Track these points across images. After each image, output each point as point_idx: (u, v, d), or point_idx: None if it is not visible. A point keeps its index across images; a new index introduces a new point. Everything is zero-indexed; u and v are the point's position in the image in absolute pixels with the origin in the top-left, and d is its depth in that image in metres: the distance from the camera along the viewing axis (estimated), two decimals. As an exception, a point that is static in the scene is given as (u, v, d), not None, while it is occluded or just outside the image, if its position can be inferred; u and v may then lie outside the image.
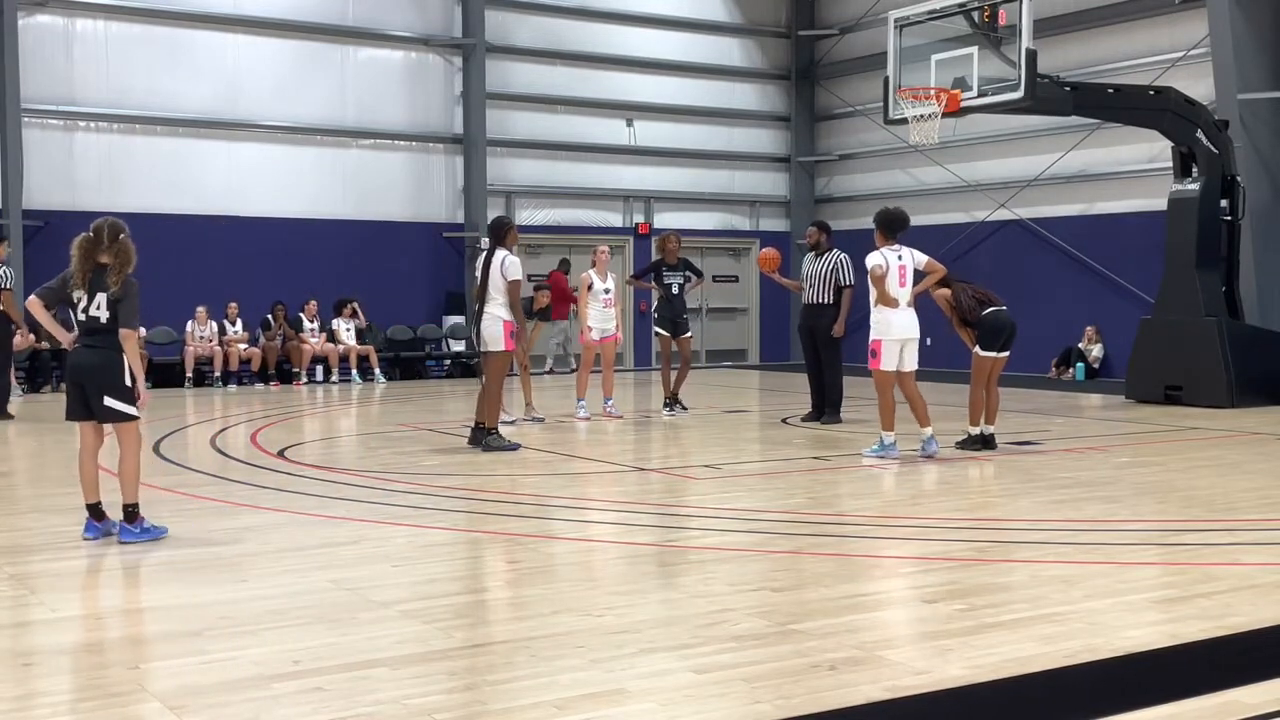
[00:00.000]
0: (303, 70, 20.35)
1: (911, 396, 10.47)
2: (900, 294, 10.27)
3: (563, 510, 8.21)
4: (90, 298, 6.87)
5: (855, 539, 7.17)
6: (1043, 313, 19.67)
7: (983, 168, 21.46)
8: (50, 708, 4.23)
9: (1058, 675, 4.52)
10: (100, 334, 6.90)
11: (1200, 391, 14.71)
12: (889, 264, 10.25)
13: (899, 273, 10.29)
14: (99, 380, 6.90)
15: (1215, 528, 7.37)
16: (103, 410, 6.93)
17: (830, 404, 13.15)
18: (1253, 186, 16.01)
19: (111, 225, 6.97)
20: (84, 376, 6.94)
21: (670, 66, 23.44)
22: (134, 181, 18.98)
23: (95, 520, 7.02)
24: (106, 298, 6.84)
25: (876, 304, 10.30)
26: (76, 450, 7.11)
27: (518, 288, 11.02)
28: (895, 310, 10.26)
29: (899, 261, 10.31)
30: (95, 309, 6.86)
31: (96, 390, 6.90)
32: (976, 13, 14.72)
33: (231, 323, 19.17)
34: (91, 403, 6.94)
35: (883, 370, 10.36)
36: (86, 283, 6.88)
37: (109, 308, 6.85)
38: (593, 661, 4.67)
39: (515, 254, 11.31)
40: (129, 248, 6.95)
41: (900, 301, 10.27)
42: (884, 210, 10.61)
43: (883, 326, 10.30)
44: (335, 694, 4.31)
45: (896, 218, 10.49)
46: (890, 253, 10.32)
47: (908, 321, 10.36)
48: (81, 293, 6.88)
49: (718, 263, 24.23)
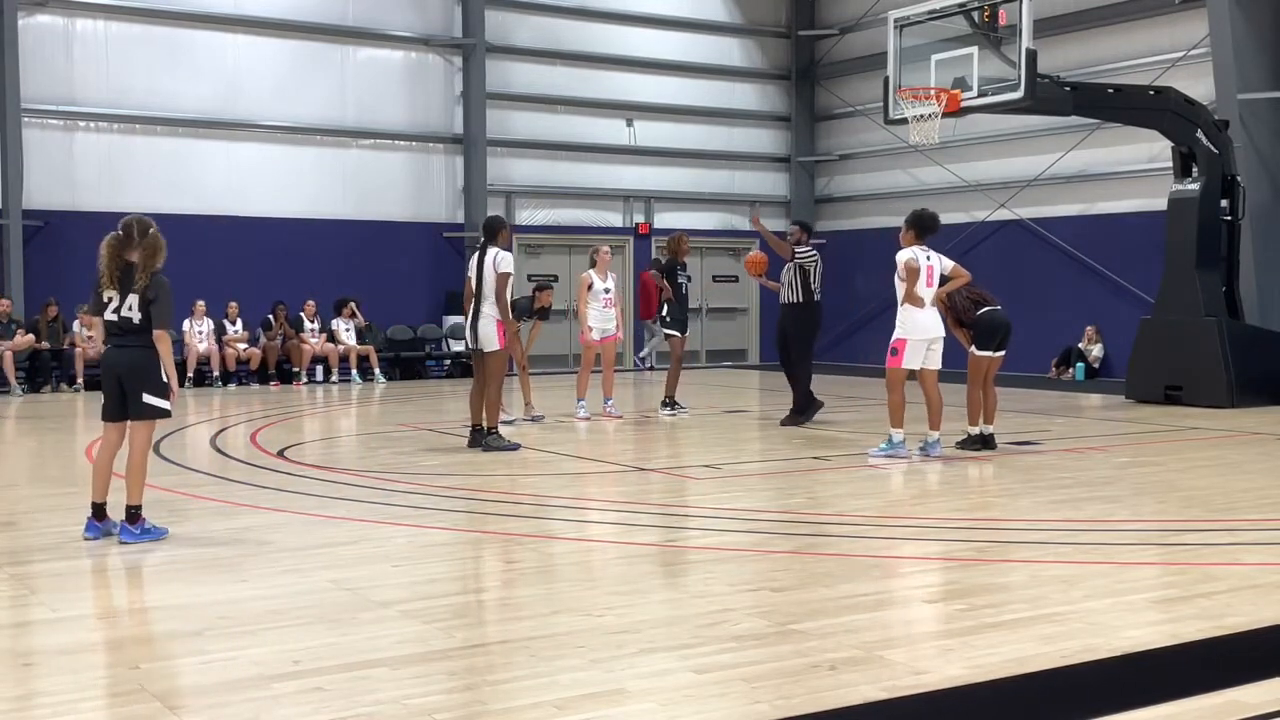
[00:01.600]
0: (302, 70, 20.35)
1: (931, 397, 10.50)
2: (926, 294, 10.33)
3: (563, 510, 8.21)
4: (122, 298, 6.84)
5: (855, 539, 7.17)
6: (1043, 313, 19.67)
7: (983, 168, 21.46)
8: (50, 708, 4.23)
9: (1058, 675, 4.52)
10: (133, 334, 6.88)
11: (1200, 391, 14.71)
12: (921, 263, 10.30)
13: (927, 273, 10.34)
14: (138, 379, 6.88)
15: (1215, 528, 7.37)
16: (141, 408, 6.91)
17: (797, 406, 12.99)
18: (1253, 186, 16.01)
19: (140, 221, 6.97)
20: (122, 376, 6.91)
21: (670, 66, 23.43)
22: (134, 181, 18.97)
23: (96, 520, 7.02)
24: (139, 298, 6.82)
25: (903, 303, 10.34)
26: (77, 450, 7.11)
27: (506, 281, 11.00)
28: (922, 310, 10.31)
29: (928, 262, 10.37)
30: (128, 309, 6.84)
31: (135, 389, 6.88)
32: (976, 13, 14.72)
33: (231, 322, 19.18)
34: (129, 402, 6.92)
35: (899, 368, 10.39)
36: (116, 282, 6.85)
37: (141, 308, 6.83)
38: (593, 661, 4.67)
39: (508, 252, 11.29)
40: (159, 242, 6.95)
41: (925, 301, 10.31)
42: (918, 211, 10.64)
43: (910, 326, 10.34)
44: (335, 694, 4.31)
45: (930, 220, 10.53)
46: (920, 251, 10.37)
47: (934, 321, 10.42)
48: (112, 292, 6.86)
49: (718, 263, 24.23)
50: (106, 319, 6.92)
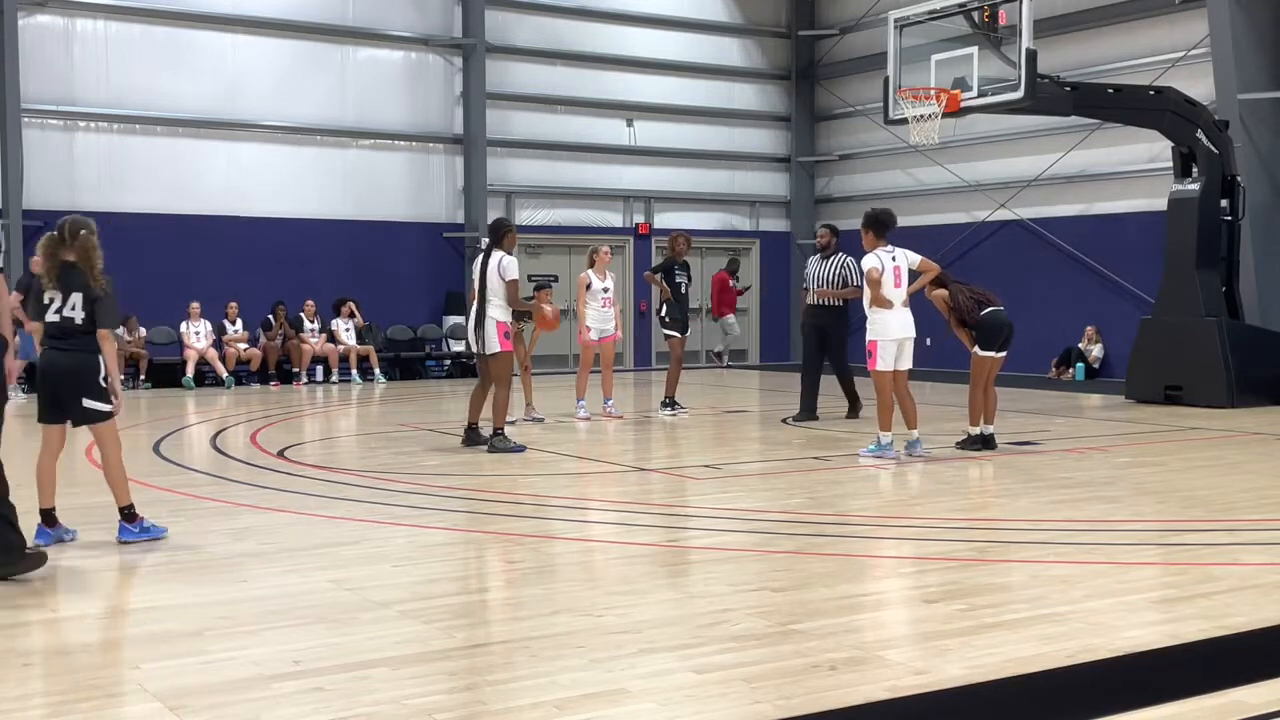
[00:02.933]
0: (302, 70, 20.34)
1: (902, 397, 10.51)
2: (895, 295, 10.32)
3: (563, 510, 8.21)
4: (64, 298, 6.67)
5: (855, 539, 7.17)
6: (1043, 313, 19.67)
7: (983, 168, 21.46)
8: (50, 708, 4.23)
9: (1058, 675, 4.52)
10: (74, 336, 6.69)
11: (1200, 391, 14.71)
12: (884, 266, 10.29)
13: (894, 274, 10.34)
14: (76, 383, 6.72)
15: (1215, 528, 7.37)
16: (81, 412, 6.76)
17: (852, 401, 13.44)
18: (1253, 186, 16.01)
19: (74, 222, 6.77)
20: (59, 380, 6.75)
21: (670, 66, 23.43)
22: (134, 181, 18.97)
23: (47, 526, 6.87)
24: (83, 297, 6.65)
25: (871, 305, 10.36)
26: (77, 451, 7.11)
27: (515, 287, 11.06)
28: (890, 311, 10.30)
29: (893, 263, 10.36)
30: (70, 309, 6.66)
31: (73, 393, 6.72)
32: (976, 13, 14.72)
33: (231, 322, 19.18)
34: (68, 406, 6.77)
35: (880, 370, 10.40)
36: (57, 281, 6.68)
37: (85, 307, 6.66)
38: (593, 661, 4.67)
39: (513, 255, 11.33)
40: (90, 243, 6.72)
41: (895, 302, 10.31)
42: (871, 212, 10.67)
43: (879, 327, 10.35)
44: (335, 694, 4.31)
45: (887, 217, 10.55)
46: (884, 254, 10.37)
47: (903, 322, 10.40)
48: (54, 293, 6.69)
49: (718, 263, 24.20)
50: (48, 320, 6.72)
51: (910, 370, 10.65)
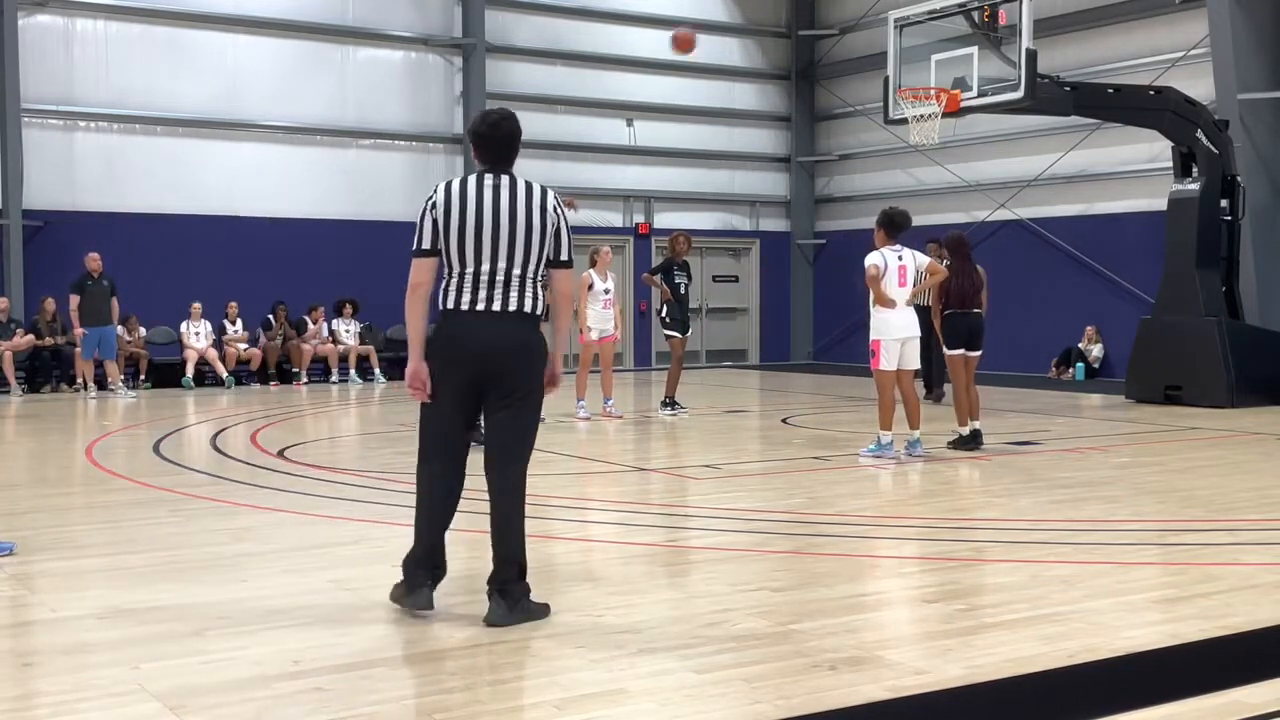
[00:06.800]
0: (303, 70, 20.34)
1: (907, 396, 10.51)
2: (899, 294, 10.31)
3: (563, 510, 8.20)
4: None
5: (855, 539, 7.17)
6: (1043, 313, 19.67)
7: (983, 168, 21.46)
8: (50, 708, 4.23)
9: (1058, 675, 4.52)
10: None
11: (1200, 391, 14.70)
12: (887, 264, 10.29)
13: (898, 273, 10.33)
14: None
15: (1215, 528, 7.37)
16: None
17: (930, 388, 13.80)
18: (1253, 186, 16.01)
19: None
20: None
21: (670, 66, 23.37)
22: (134, 181, 18.96)
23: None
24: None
25: (874, 304, 10.36)
26: (77, 451, 7.10)
27: None
28: (893, 310, 10.30)
29: (899, 262, 10.35)
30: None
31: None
32: (976, 13, 14.73)
33: (231, 322, 19.17)
34: None
35: (883, 370, 10.40)
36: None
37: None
38: (593, 661, 4.67)
39: None
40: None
41: (898, 301, 10.30)
42: (888, 211, 10.66)
43: (882, 326, 10.36)
44: (335, 694, 4.31)
45: (900, 218, 10.54)
46: (890, 253, 10.36)
47: (907, 321, 10.40)
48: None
49: (718, 263, 24.22)
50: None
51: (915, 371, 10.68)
